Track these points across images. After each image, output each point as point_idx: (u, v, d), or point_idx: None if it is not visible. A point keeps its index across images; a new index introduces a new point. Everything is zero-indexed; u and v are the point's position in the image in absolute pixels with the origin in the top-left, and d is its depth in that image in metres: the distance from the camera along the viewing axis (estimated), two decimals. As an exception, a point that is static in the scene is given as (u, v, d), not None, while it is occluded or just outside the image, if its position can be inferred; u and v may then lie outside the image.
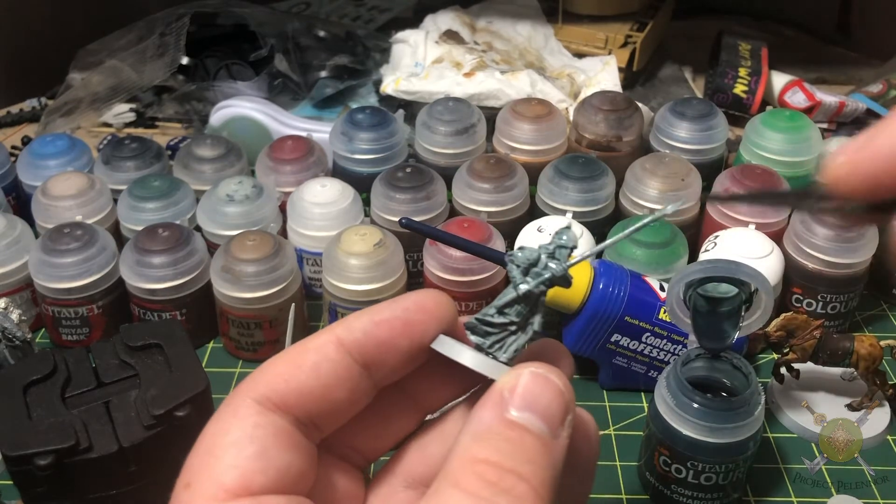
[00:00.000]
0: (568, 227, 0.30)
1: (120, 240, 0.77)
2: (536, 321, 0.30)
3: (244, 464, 0.26)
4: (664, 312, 0.65)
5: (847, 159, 0.23)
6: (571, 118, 0.88)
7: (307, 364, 0.29)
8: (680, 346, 0.67)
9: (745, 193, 0.31)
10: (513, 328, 0.30)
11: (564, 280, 0.30)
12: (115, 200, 0.79)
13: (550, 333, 0.31)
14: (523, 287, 0.30)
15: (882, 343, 0.64)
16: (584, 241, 0.72)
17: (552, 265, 0.30)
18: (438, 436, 0.32)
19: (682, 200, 0.26)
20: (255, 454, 0.27)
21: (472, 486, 0.25)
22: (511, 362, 0.30)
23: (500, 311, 0.30)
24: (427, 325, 0.30)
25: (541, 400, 0.27)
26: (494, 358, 0.30)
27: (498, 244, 0.71)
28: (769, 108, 0.89)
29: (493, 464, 0.25)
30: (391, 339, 0.29)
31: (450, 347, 0.30)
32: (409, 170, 0.77)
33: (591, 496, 0.33)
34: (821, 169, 0.25)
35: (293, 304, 0.69)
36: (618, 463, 0.64)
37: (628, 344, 0.67)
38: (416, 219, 0.68)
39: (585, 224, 0.74)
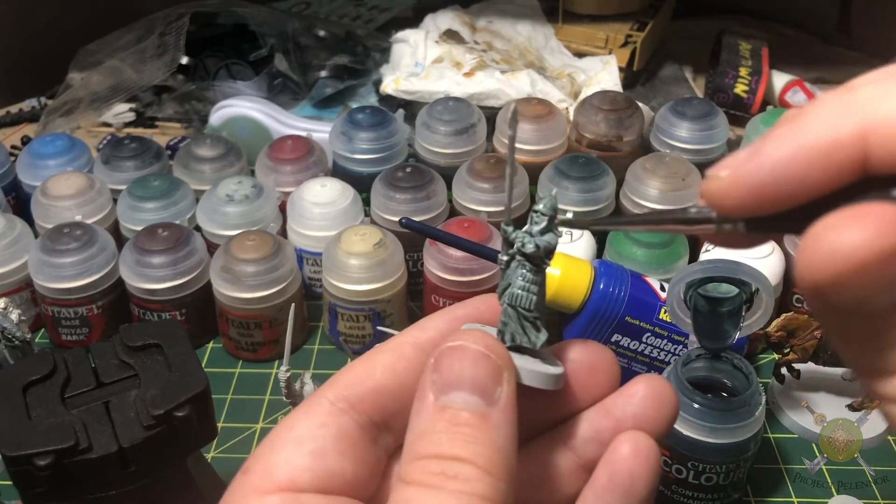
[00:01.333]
0: (550, 197, 0.29)
1: (120, 240, 0.77)
2: (510, 291, 0.29)
3: (297, 460, 0.27)
4: (664, 312, 0.65)
5: (732, 171, 0.23)
6: (571, 118, 0.88)
7: (384, 363, 0.29)
8: (680, 346, 0.67)
9: (619, 218, 0.31)
10: (505, 314, 0.30)
11: (534, 251, 0.29)
12: (115, 200, 0.79)
13: (552, 334, 0.30)
14: (502, 258, 0.29)
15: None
16: (585, 241, 0.72)
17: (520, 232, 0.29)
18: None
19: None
20: (311, 452, 0.27)
21: (419, 480, 0.25)
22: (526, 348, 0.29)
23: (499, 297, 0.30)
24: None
25: (463, 372, 0.26)
26: (518, 350, 0.29)
27: (498, 244, 0.71)
28: (770, 107, 0.89)
29: (434, 456, 0.25)
30: None
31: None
32: (409, 170, 0.77)
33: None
34: (703, 184, 0.24)
35: (293, 304, 0.68)
36: (618, 463, 0.64)
37: (629, 344, 0.67)
38: (416, 219, 0.68)
39: (586, 224, 0.74)
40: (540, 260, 0.29)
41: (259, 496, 0.26)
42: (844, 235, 0.20)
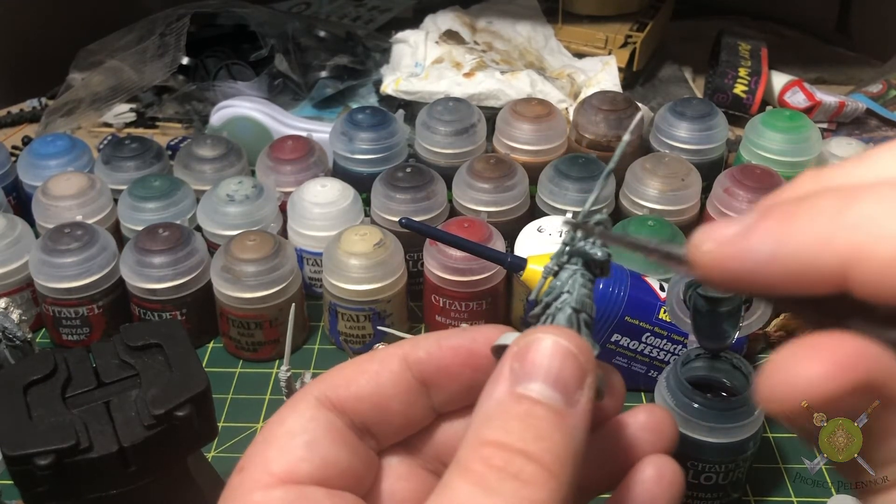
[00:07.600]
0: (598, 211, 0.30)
1: (120, 240, 0.77)
2: (571, 298, 0.29)
3: (292, 452, 0.27)
4: (664, 312, 0.65)
5: (713, 249, 0.22)
6: (571, 118, 0.88)
7: (369, 371, 0.30)
8: (680, 346, 0.67)
9: (621, 237, 0.31)
10: (550, 309, 0.29)
11: (591, 254, 0.29)
12: (116, 200, 0.80)
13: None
14: (549, 265, 0.30)
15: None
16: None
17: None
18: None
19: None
20: (305, 444, 0.28)
21: (478, 473, 0.23)
22: None
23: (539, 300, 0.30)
24: (492, 361, 0.29)
25: (551, 366, 0.25)
26: None
27: (498, 244, 0.71)
28: (769, 108, 0.89)
29: (500, 445, 0.24)
30: (453, 364, 0.30)
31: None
32: (409, 170, 0.77)
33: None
34: (689, 248, 0.24)
35: (293, 304, 0.68)
36: (618, 463, 0.64)
37: (628, 344, 0.67)
38: (416, 219, 0.68)
39: (585, 224, 0.74)
40: (602, 269, 0.29)
41: (262, 490, 0.27)
42: (800, 370, 0.20)
